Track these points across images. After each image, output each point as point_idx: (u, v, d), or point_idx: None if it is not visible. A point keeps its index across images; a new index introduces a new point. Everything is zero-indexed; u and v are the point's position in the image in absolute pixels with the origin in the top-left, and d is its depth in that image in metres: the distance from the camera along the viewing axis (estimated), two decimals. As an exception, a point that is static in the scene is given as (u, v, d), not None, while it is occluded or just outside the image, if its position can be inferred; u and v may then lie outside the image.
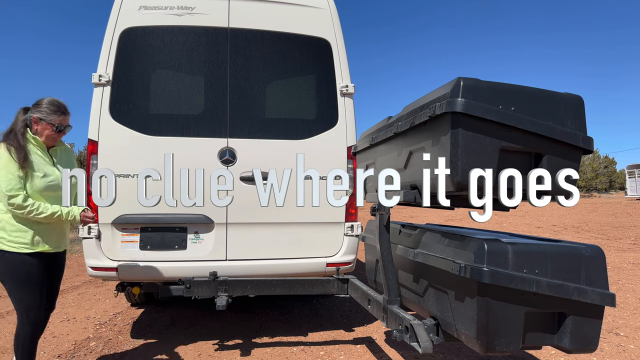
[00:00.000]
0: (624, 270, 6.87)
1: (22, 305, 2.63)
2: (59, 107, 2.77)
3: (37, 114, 2.72)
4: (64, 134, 2.85)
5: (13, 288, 2.62)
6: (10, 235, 2.60)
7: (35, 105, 2.75)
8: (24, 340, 2.64)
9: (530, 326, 1.97)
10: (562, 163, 2.04)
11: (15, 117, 2.74)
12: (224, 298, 3.32)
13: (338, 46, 3.85)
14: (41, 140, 2.75)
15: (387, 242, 2.56)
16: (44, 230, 2.70)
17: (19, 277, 2.61)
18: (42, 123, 2.73)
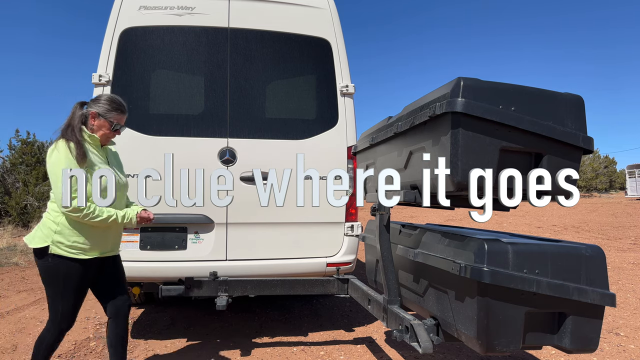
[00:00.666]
0: (624, 270, 6.87)
1: (59, 312, 2.49)
2: (118, 104, 2.62)
3: (95, 109, 2.56)
4: (118, 134, 2.69)
5: (57, 294, 2.48)
6: (69, 240, 2.42)
7: (94, 100, 2.60)
8: (47, 346, 2.52)
9: (531, 326, 1.97)
10: (562, 163, 2.04)
11: (72, 112, 2.56)
12: (224, 298, 3.32)
13: (338, 46, 3.85)
14: (97, 137, 2.59)
15: (387, 242, 2.56)
16: (101, 233, 2.54)
17: (67, 285, 2.47)
18: (100, 119, 2.56)
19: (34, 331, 4.22)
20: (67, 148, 2.42)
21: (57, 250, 2.42)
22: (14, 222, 14.84)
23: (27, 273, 7.19)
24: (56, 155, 2.41)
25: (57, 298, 2.48)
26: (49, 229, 2.44)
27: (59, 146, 2.43)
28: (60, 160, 2.38)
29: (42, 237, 2.44)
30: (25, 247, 9.79)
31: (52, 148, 2.45)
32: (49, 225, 2.45)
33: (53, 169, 2.40)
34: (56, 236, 2.42)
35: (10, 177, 16.49)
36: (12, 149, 17.00)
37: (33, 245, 2.46)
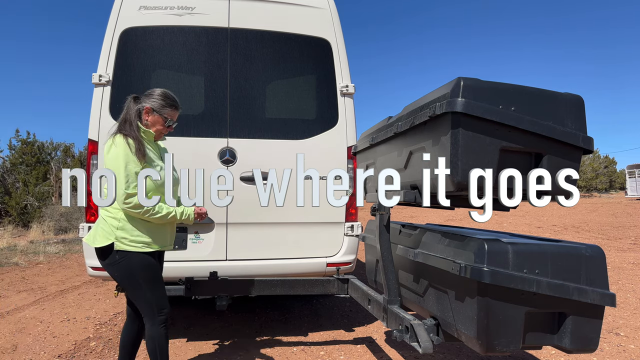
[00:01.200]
0: (624, 270, 6.87)
1: (153, 305, 2.44)
2: (172, 100, 2.58)
3: (150, 104, 2.51)
4: (171, 130, 2.65)
5: (141, 289, 2.42)
6: (132, 235, 2.39)
7: (148, 95, 2.54)
8: (160, 342, 2.45)
9: (531, 326, 1.97)
10: (562, 163, 2.04)
11: (127, 106, 2.52)
12: (224, 298, 3.32)
13: (338, 46, 3.85)
14: (153, 132, 2.55)
15: (387, 242, 2.56)
16: (160, 228, 2.51)
17: (147, 277, 2.42)
18: (154, 115, 2.53)
19: (34, 331, 4.22)
20: (126, 144, 2.38)
21: (122, 246, 2.37)
22: (14, 222, 14.84)
23: (27, 273, 7.20)
24: (115, 150, 2.36)
25: (143, 291, 2.42)
26: (111, 226, 2.39)
27: (117, 142, 2.39)
28: (119, 156, 2.34)
29: (104, 235, 2.39)
30: (25, 247, 9.80)
31: (109, 143, 2.41)
32: (110, 222, 2.40)
33: (113, 165, 2.33)
34: (119, 232, 2.38)
35: (10, 177, 16.50)
36: (12, 149, 17.01)
37: (96, 245, 2.40)
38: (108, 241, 2.38)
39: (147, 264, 2.43)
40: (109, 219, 2.42)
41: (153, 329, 2.45)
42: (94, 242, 2.43)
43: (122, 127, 2.46)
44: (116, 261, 2.39)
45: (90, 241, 2.46)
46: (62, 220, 13.43)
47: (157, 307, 2.45)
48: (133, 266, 2.40)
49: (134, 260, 2.39)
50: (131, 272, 2.40)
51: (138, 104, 2.53)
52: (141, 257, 2.41)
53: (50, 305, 5.20)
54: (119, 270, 2.42)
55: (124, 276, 2.43)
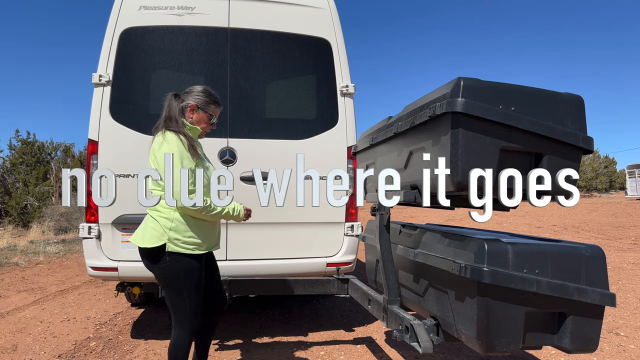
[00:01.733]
0: (624, 270, 6.87)
1: (189, 311, 2.36)
2: (215, 97, 2.53)
3: (194, 101, 2.46)
4: (213, 127, 2.61)
5: (182, 295, 2.34)
6: (184, 236, 2.31)
7: (189, 92, 2.49)
8: (184, 350, 2.39)
9: (531, 326, 1.96)
10: (562, 163, 2.04)
11: (168, 104, 2.45)
12: (224, 298, 3.32)
13: (338, 46, 3.85)
14: (199, 129, 2.49)
15: (387, 242, 2.56)
16: (210, 228, 2.46)
17: (191, 282, 2.34)
18: (199, 112, 2.47)
19: (34, 331, 4.22)
20: (179, 140, 2.31)
21: (175, 247, 2.29)
22: (14, 222, 14.84)
23: (27, 273, 7.20)
24: (167, 147, 2.27)
25: (182, 297, 2.34)
26: (163, 227, 2.30)
27: (169, 138, 2.31)
28: (174, 151, 2.26)
29: (155, 236, 2.30)
30: (25, 247, 9.80)
31: (159, 141, 2.33)
32: (163, 222, 2.31)
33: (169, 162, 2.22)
34: (171, 233, 2.29)
35: (10, 177, 16.50)
36: (12, 149, 17.02)
37: (146, 245, 2.32)
38: (160, 242, 2.29)
39: (194, 268, 2.36)
40: (161, 219, 2.32)
41: (181, 337, 2.38)
42: (142, 242, 2.34)
43: (167, 124, 2.39)
44: (166, 263, 2.31)
45: (139, 241, 2.37)
46: (62, 220, 13.43)
47: (191, 316, 2.38)
48: (181, 270, 2.32)
49: (184, 264, 2.32)
50: (178, 275, 2.32)
51: (180, 101, 2.46)
52: (190, 262, 2.34)
53: (50, 305, 5.20)
54: (166, 272, 2.33)
55: (169, 279, 2.34)
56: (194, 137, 2.48)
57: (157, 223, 2.33)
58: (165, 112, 2.44)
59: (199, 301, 2.40)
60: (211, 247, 2.49)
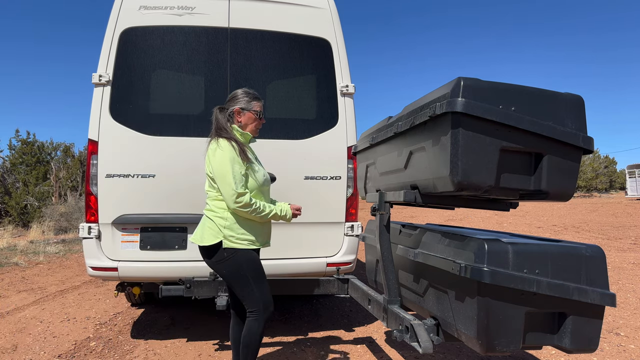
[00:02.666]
0: (624, 270, 6.87)
1: (261, 301, 2.49)
2: (254, 93, 2.66)
3: (237, 105, 2.61)
4: (263, 122, 2.73)
5: (250, 285, 2.47)
6: (237, 232, 2.47)
7: (231, 99, 2.65)
8: (256, 338, 2.48)
9: (531, 326, 1.96)
10: (562, 163, 2.04)
11: (215, 116, 2.60)
12: (224, 298, 3.32)
13: (338, 46, 3.85)
14: (249, 134, 2.64)
15: (388, 242, 2.56)
16: (262, 226, 2.59)
17: (254, 272, 2.49)
18: (245, 113, 2.61)
19: (34, 331, 4.22)
20: (231, 146, 2.46)
21: (230, 243, 2.45)
22: (14, 222, 14.85)
23: (27, 273, 7.20)
24: (221, 153, 2.43)
25: (250, 286, 2.47)
26: (218, 225, 2.47)
27: (222, 144, 2.46)
28: (226, 158, 2.42)
29: (212, 234, 2.47)
30: (25, 247, 9.80)
31: (213, 147, 2.48)
32: (218, 221, 2.47)
33: (220, 167, 2.42)
34: (226, 230, 2.46)
35: (10, 177, 16.51)
36: (12, 149, 17.02)
37: (204, 243, 2.47)
38: (216, 239, 2.45)
39: (253, 259, 2.50)
40: (216, 218, 2.48)
41: (256, 324, 2.48)
42: (201, 240, 2.49)
43: (219, 133, 2.54)
44: (224, 258, 2.46)
45: (198, 240, 2.51)
46: (62, 220, 13.44)
47: (264, 304, 2.50)
48: (241, 262, 2.46)
49: (241, 257, 2.46)
50: (239, 268, 2.46)
51: (225, 112, 2.62)
52: (247, 253, 2.49)
53: (50, 305, 5.20)
54: (228, 267, 2.47)
55: (232, 272, 2.47)
56: (245, 142, 2.62)
57: (213, 222, 2.49)
58: (214, 124, 2.59)
59: (267, 289, 2.53)
60: (264, 243, 2.63)
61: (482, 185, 1.94)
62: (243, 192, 2.41)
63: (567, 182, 2.06)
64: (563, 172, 2.05)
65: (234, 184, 2.38)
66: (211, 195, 2.54)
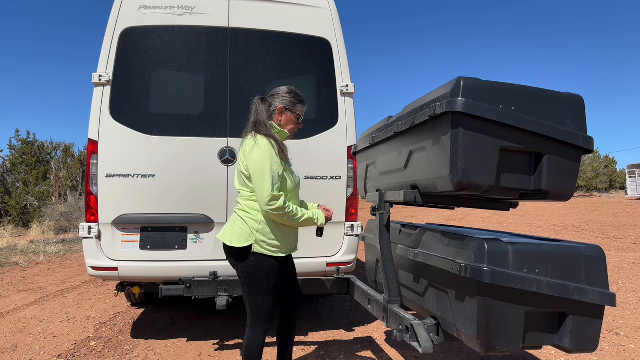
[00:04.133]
0: (624, 270, 6.87)
1: (265, 312, 2.41)
2: (300, 96, 2.55)
3: (281, 103, 2.48)
4: (301, 127, 2.63)
5: (262, 295, 2.39)
6: (269, 238, 2.37)
7: (274, 95, 2.52)
8: (258, 350, 2.41)
9: (531, 326, 1.97)
10: (562, 163, 2.04)
11: (255, 108, 2.48)
12: (224, 298, 3.32)
13: (338, 46, 3.85)
14: (287, 133, 2.53)
15: (388, 241, 2.56)
16: (293, 232, 2.52)
17: (272, 283, 2.40)
18: (287, 113, 2.50)
19: (34, 331, 4.22)
20: (270, 144, 2.35)
21: (260, 249, 2.36)
22: (14, 222, 14.85)
23: (27, 273, 7.20)
24: (258, 151, 2.32)
25: (261, 297, 2.40)
26: (251, 228, 2.37)
27: (261, 142, 2.34)
28: (265, 157, 2.30)
29: (244, 236, 2.37)
30: (25, 246, 9.80)
31: (250, 144, 2.36)
32: (251, 224, 2.38)
33: (257, 166, 2.30)
34: (258, 235, 2.36)
35: (10, 177, 16.50)
36: (12, 148, 17.02)
37: (234, 245, 2.38)
38: (247, 242, 2.36)
39: (276, 270, 2.42)
40: (249, 220, 2.39)
41: (255, 335, 2.41)
42: (231, 241, 2.40)
43: (257, 128, 2.42)
44: (250, 262, 2.37)
45: (227, 240, 2.42)
46: (62, 220, 13.44)
47: (267, 316, 2.43)
48: (264, 270, 2.38)
49: (266, 265, 2.38)
50: (260, 275, 2.38)
51: (267, 105, 2.50)
52: (272, 263, 2.40)
53: (50, 305, 5.20)
54: (250, 271, 2.39)
55: (252, 278, 2.39)
56: (282, 139, 2.53)
57: (245, 224, 2.39)
58: (253, 116, 2.47)
59: (275, 303, 2.46)
60: (290, 250, 2.55)
61: (482, 185, 1.94)
62: (278, 194, 2.29)
63: (567, 181, 2.06)
64: (563, 171, 2.05)
65: (270, 185, 2.27)
66: (244, 195, 2.44)
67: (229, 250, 2.45)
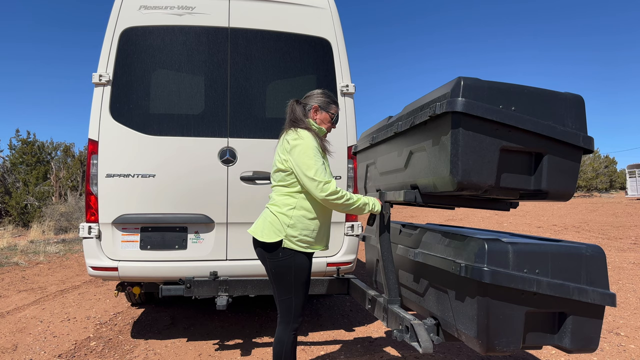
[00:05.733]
0: (624, 270, 6.87)
1: (296, 309, 2.40)
2: (334, 97, 2.63)
3: (317, 103, 2.55)
4: (334, 127, 2.69)
5: (291, 291, 2.39)
6: (300, 233, 2.37)
7: (309, 96, 2.59)
8: (287, 348, 2.38)
9: (531, 326, 1.97)
10: (562, 163, 2.04)
11: (291, 109, 2.53)
12: (224, 298, 3.32)
13: (338, 46, 3.85)
14: (325, 130, 2.57)
15: (388, 242, 2.56)
16: (322, 229, 2.49)
17: (300, 280, 2.40)
18: (322, 113, 2.56)
19: (34, 331, 4.22)
20: (312, 136, 2.39)
21: (290, 244, 2.36)
22: (14, 222, 14.85)
23: (27, 273, 7.20)
24: (302, 143, 2.35)
25: (290, 294, 2.40)
26: (282, 223, 2.37)
27: (303, 134, 2.38)
28: (309, 147, 2.33)
29: (274, 231, 2.37)
30: (25, 246, 9.80)
31: (293, 137, 2.38)
32: (282, 219, 2.38)
33: (303, 158, 2.32)
34: (289, 230, 2.36)
35: (11, 177, 16.50)
36: (13, 148, 17.02)
37: (265, 240, 2.37)
38: (277, 238, 2.36)
39: (305, 266, 2.42)
40: (280, 215, 2.39)
41: (285, 333, 2.40)
42: (262, 236, 2.40)
43: (295, 124, 2.47)
44: (279, 258, 2.38)
45: (258, 235, 2.42)
46: (62, 220, 13.44)
47: (296, 313, 2.42)
48: (293, 266, 2.38)
49: (296, 260, 2.38)
50: (289, 271, 2.38)
51: (302, 105, 2.56)
52: (302, 259, 2.41)
53: (51, 305, 5.20)
54: (279, 267, 2.39)
55: (281, 274, 2.39)
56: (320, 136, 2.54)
57: (277, 219, 2.39)
58: (290, 115, 2.51)
59: (303, 301, 2.46)
60: (321, 247, 2.53)
61: (482, 185, 1.94)
62: (329, 180, 2.31)
63: (568, 181, 2.06)
64: (563, 171, 2.05)
65: (318, 173, 2.29)
66: (280, 190, 2.43)
67: (258, 245, 2.45)
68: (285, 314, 2.42)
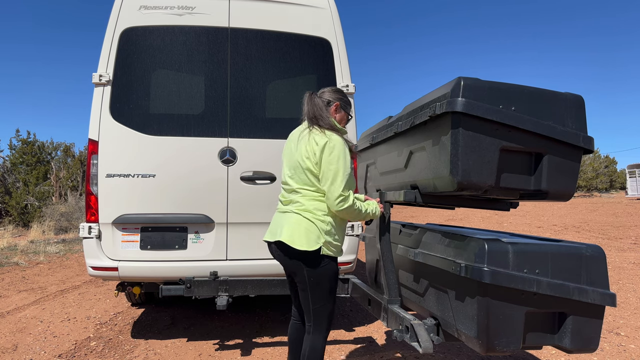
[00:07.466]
0: (624, 270, 6.87)
1: (327, 316, 2.32)
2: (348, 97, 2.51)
3: (338, 101, 2.42)
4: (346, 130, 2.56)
5: (326, 298, 2.29)
6: (335, 240, 2.29)
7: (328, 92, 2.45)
8: (320, 355, 2.30)
9: (531, 326, 1.97)
10: (562, 163, 2.04)
11: (310, 102, 2.36)
12: (224, 298, 3.32)
13: (338, 46, 3.85)
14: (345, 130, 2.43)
15: (388, 242, 2.56)
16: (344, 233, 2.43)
17: (333, 287, 2.32)
18: (341, 112, 2.44)
19: (34, 331, 4.23)
20: (344, 143, 2.27)
21: (327, 251, 2.26)
22: (14, 222, 14.85)
23: (27, 273, 7.20)
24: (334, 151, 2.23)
25: (324, 301, 2.29)
26: (320, 230, 2.25)
27: (335, 139, 2.25)
28: (341, 156, 2.22)
29: (313, 239, 2.23)
30: (25, 246, 9.81)
31: (322, 141, 2.24)
32: (320, 225, 2.25)
33: (333, 166, 2.21)
34: (327, 236, 2.26)
35: (11, 177, 16.50)
36: (13, 148, 17.02)
37: (304, 248, 2.21)
38: (317, 245, 2.22)
39: (337, 272, 2.35)
40: (318, 221, 2.26)
41: (318, 340, 2.31)
42: (301, 244, 2.22)
43: (320, 122, 2.32)
44: (320, 266, 2.25)
45: (296, 243, 2.23)
46: (63, 220, 13.44)
47: (329, 320, 2.34)
48: (330, 274, 2.29)
49: (333, 268, 2.30)
50: (327, 279, 2.28)
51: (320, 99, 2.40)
52: (335, 266, 2.32)
53: (51, 305, 5.20)
54: (319, 275, 2.26)
55: (319, 282, 2.27)
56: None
57: (314, 225, 2.25)
58: (310, 110, 2.35)
59: (335, 307, 2.41)
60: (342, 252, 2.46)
61: (482, 185, 1.94)
62: (347, 194, 2.22)
63: (568, 181, 2.06)
64: (563, 172, 2.05)
65: (342, 185, 2.19)
66: (308, 194, 2.29)
67: (285, 249, 2.28)
68: (319, 322, 2.31)
